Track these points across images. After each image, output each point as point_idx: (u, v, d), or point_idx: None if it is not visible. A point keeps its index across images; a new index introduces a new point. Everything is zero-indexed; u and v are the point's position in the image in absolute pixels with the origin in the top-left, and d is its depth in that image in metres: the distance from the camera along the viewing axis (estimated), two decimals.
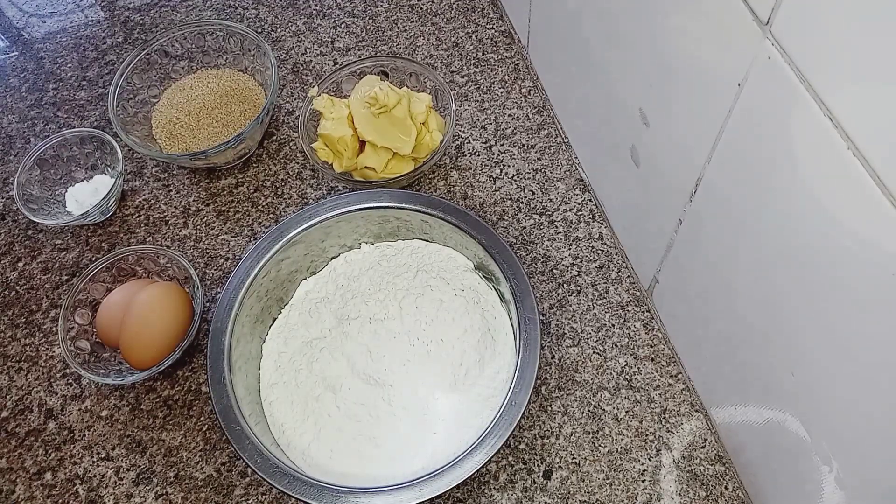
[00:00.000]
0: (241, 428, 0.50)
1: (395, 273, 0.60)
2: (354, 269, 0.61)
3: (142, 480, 0.56)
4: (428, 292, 0.58)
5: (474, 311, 0.57)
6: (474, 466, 0.47)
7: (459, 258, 0.60)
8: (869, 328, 0.34)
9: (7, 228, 0.70)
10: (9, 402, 0.61)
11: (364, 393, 0.55)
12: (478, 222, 0.57)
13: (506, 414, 0.49)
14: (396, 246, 0.62)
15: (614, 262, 0.64)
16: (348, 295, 0.59)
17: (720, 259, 0.47)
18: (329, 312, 0.59)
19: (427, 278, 0.59)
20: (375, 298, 0.58)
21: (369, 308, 0.58)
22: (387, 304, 0.58)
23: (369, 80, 0.67)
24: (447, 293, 0.58)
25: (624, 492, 0.54)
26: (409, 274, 0.60)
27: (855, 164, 0.31)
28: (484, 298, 0.58)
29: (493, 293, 0.59)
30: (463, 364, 0.55)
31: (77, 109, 0.77)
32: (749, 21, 0.36)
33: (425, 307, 0.57)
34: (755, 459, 0.50)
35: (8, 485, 0.57)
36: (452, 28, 0.80)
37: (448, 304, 0.57)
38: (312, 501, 0.47)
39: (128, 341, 0.57)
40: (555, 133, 0.71)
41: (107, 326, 0.59)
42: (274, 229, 0.58)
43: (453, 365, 0.55)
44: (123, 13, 0.85)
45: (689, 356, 0.57)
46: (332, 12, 0.83)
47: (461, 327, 0.56)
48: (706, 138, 0.43)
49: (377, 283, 0.59)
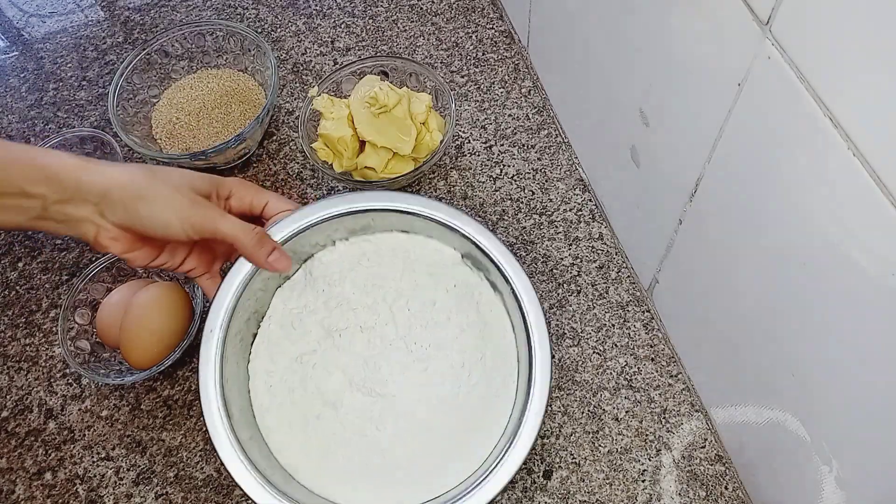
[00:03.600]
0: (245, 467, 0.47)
1: (380, 275, 0.56)
2: (334, 273, 0.56)
3: (142, 480, 0.56)
4: (419, 293, 0.55)
5: (469, 308, 0.54)
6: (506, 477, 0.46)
7: (446, 250, 0.56)
8: (869, 328, 0.34)
9: None
10: (9, 402, 0.61)
11: (367, 406, 0.52)
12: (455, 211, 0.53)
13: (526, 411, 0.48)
14: (375, 241, 0.57)
15: (614, 262, 0.64)
16: (332, 303, 0.55)
17: (720, 259, 0.47)
18: (314, 323, 0.54)
19: (415, 277, 0.55)
20: (363, 304, 0.54)
21: (358, 316, 0.54)
22: (377, 311, 0.54)
23: (369, 80, 0.67)
24: (438, 292, 0.55)
25: (624, 492, 0.54)
26: (395, 274, 0.55)
27: (855, 164, 0.31)
28: (477, 292, 0.55)
29: (486, 284, 0.55)
30: (465, 365, 0.53)
31: (77, 109, 0.77)
32: (749, 21, 0.36)
33: (418, 310, 0.54)
34: (755, 459, 0.50)
35: (8, 485, 0.57)
36: (452, 28, 0.80)
37: (441, 303, 0.54)
38: None
39: (128, 341, 0.57)
40: (555, 133, 0.71)
41: (107, 326, 0.59)
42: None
43: (454, 367, 0.53)
44: (123, 13, 0.85)
45: (689, 356, 0.57)
46: (332, 12, 0.83)
47: (458, 326, 0.54)
48: (706, 138, 0.43)
49: (362, 287, 0.55)
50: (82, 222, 0.46)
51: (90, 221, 0.46)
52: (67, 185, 0.45)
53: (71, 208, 0.46)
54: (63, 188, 0.45)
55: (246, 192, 0.52)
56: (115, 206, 0.46)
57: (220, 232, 0.48)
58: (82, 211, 0.46)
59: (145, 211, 0.46)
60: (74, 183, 0.45)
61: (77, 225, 0.46)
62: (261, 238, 0.49)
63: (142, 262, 0.50)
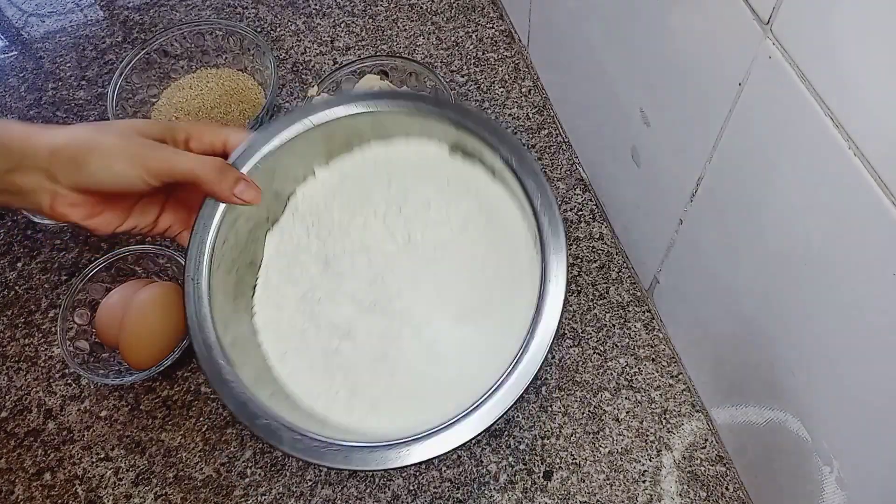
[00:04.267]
0: (267, 422, 0.43)
1: (367, 191, 0.52)
2: (319, 202, 0.52)
3: (141, 481, 0.56)
4: (409, 197, 0.51)
5: (468, 199, 0.51)
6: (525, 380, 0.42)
7: (430, 147, 0.52)
8: (869, 328, 0.34)
9: (6, 228, 0.70)
10: (8, 403, 0.60)
11: (383, 327, 0.49)
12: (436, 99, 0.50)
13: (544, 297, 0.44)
14: (354, 159, 0.53)
15: (615, 262, 0.64)
16: (324, 233, 0.52)
17: (721, 259, 0.47)
18: (310, 258, 0.51)
19: (403, 183, 0.52)
20: (355, 225, 0.51)
21: (352, 238, 0.51)
22: (370, 227, 0.51)
23: (369, 80, 0.67)
24: (430, 191, 0.51)
25: (624, 492, 0.54)
26: (380, 187, 0.52)
27: (856, 164, 0.31)
28: (473, 182, 0.51)
29: (482, 171, 0.51)
30: (476, 257, 0.49)
31: (76, 109, 0.77)
32: (750, 20, 0.35)
33: (413, 216, 0.51)
34: (756, 460, 0.50)
35: (7, 485, 0.57)
36: (452, 27, 0.80)
37: (436, 202, 0.51)
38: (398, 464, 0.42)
39: (127, 341, 0.57)
40: (555, 133, 0.71)
41: (106, 327, 0.59)
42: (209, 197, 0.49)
43: (468, 262, 0.49)
44: (122, 12, 0.85)
45: (690, 356, 0.57)
46: (331, 11, 0.82)
47: (459, 221, 0.50)
48: (707, 138, 0.43)
49: (350, 208, 0.52)
50: (35, 192, 0.43)
51: (43, 189, 0.43)
52: (14, 152, 0.43)
53: (20, 177, 0.43)
54: (10, 157, 0.43)
55: (203, 132, 0.48)
56: (65, 165, 0.43)
57: (176, 170, 0.44)
58: (33, 178, 0.43)
59: (96, 164, 0.43)
60: (20, 150, 0.43)
61: (30, 195, 0.43)
62: (221, 168, 0.45)
63: (108, 228, 0.46)
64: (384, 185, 0.52)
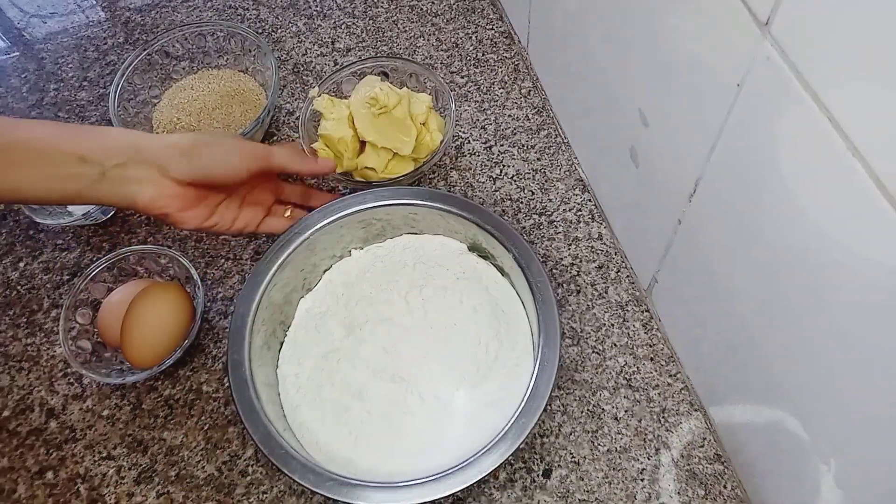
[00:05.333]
0: (285, 451, 0.49)
1: (393, 271, 0.60)
2: (351, 276, 0.61)
3: (143, 479, 0.56)
4: (430, 282, 0.59)
5: (479, 290, 0.58)
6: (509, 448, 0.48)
7: (452, 243, 0.62)
8: (868, 328, 0.34)
9: (8, 228, 0.70)
10: (10, 402, 0.61)
11: (391, 392, 0.54)
12: (465, 202, 0.58)
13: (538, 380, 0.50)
14: (386, 245, 0.63)
15: (613, 262, 0.64)
16: (351, 302, 0.59)
17: (719, 259, 0.47)
18: (336, 323, 0.58)
19: (425, 269, 0.60)
20: (379, 299, 0.59)
21: (375, 309, 0.58)
22: (392, 302, 0.58)
23: (370, 81, 0.67)
24: (449, 279, 0.59)
25: (623, 491, 0.54)
26: (406, 269, 0.60)
27: (854, 164, 0.31)
28: (486, 276, 0.60)
29: (493, 269, 0.60)
30: (482, 342, 0.56)
31: (78, 110, 0.77)
32: (748, 21, 0.36)
33: (431, 296, 0.58)
34: (754, 459, 0.51)
35: (10, 484, 0.57)
36: (452, 29, 0.80)
37: (452, 288, 0.58)
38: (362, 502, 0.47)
39: (129, 341, 0.57)
40: (554, 133, 0.72)
41: (108, 326, 0.59)
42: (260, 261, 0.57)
43: (473, 344, 0.56)
44: (124, 14, 0.85)
45: (688, 356, 0.57)
46: (332, 13, 0.83)
47: (470, 307, 0.57)
48: (705, 138, 0.43)
49: (377, 284, 0.60)
50: (141, 182, 0.49)
51: (149, 181, 0.49)
52: (126, 148, 0.48)
53: (132, 169, 0.48)
54: (122, 152, 0.48)
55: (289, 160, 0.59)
56: (177, 159, 0.50)
57: (273, 159, 0.55)
58: (143, 171, 0.49)
59: (208, 155, 0.51)
60: (135, 145, 0.49)
61: (133, 185, 0.49)
62: (300, 153, 0.60)
63: (195, 222, 0.53)
64: (409, 269, 0.60)
